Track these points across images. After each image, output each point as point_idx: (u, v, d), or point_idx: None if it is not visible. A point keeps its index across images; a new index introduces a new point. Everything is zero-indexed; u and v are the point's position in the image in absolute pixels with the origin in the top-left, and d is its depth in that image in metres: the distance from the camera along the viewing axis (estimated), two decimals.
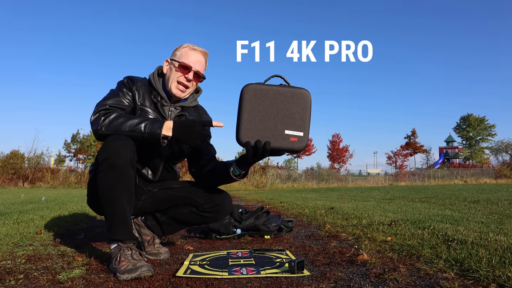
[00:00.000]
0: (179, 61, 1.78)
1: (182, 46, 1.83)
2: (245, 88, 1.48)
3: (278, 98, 1.47)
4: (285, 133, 1.46)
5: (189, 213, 1.88)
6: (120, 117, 1.61)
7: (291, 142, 1.46)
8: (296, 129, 1.47)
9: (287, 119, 1.47)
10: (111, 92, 1.76)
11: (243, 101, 1.46)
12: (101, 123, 1.60)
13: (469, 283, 1.29)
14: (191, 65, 1.77)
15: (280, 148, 1.47)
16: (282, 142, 1.46)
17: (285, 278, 1.44)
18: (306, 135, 1.48)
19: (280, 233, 2.57)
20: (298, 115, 1.48)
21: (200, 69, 1.81)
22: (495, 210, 3.94)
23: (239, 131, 1.46)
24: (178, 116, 1.87)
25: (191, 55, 1.79)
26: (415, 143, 39.37)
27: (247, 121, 1.46)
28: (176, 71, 1.78)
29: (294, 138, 1.46)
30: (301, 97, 1.48)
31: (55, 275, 1.50)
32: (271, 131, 1.46)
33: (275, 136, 1.46)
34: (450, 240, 2.00)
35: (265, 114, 1.46)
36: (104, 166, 1.56)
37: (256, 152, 1.47)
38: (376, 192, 9.42)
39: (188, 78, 1.78)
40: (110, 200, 1.57)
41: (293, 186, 20.25)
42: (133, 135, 1.59)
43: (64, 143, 37.80)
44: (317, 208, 4.47)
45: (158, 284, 1.40)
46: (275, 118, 1.47)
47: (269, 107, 1.47)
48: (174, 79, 1.78)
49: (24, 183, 17.83)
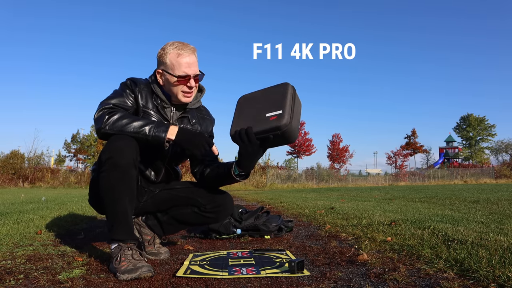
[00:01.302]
0: (174, 75, 1.71)
1: (167, 53, 1.73)
2: (239, 98, 1.63)
3: (262, 95, 1.59)
4: (266, 116, 1.52)
5: (191, 213, 1.88)
6: (124, 118, 1.61)
7: (271, 121, 1.50)
8: (275, 110, 1.52)
9: (267, 105, 1.55)
10: (114, 92, 1.75)
11: (236, 107, 1.60)
12: (105, 122, 1.59)
13: (469, 283, 1.29)
14: (188, 72, 1.72)
15: (262, 130, 1.50)
16: (263, 124, 1.51)
17: (285, 278, 1.44)
18: (286, 112, 1.49)
19: (280, 233, 2.57)
20: (278, 99, 1.53)
21: (197, 70, 1.76)
22: (495, 210, 3.94)
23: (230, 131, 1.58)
24: (181, 118, 1.86)
25: (182, 63, 1.71)
26: (415, 143, 39.38)
27: (236, 121, 1.59)
28: (176, 84, 1.74)
29: (274, 117, 1.50)
30: (280, 86, 1.56)
31: (55, 275, 1.50)
32: (254, 120, 1.54)
33: (257, 122, 1.53)
34: (450, 240, 2.00)
35: (251, 110, 1.57)
36: (107, 166, 1.56)
37: (242, 140, 1.54)
38: (376, 192, 9.42)
39: (190, 86, 1.75)
40: (112, 200, 1.57)
41: (293, 186, 20.25)
42: (137, 136, 1.59)
43: (64, 143, 37.82)
44: (317, 208, 4.47)
45: (158, 284, 1.40)
46: (258, 109, 1.56)
47: (254, 104, 1.59)
48: (178, 92, 1.75)
49: (24, 183, 17.83)
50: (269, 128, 1.49)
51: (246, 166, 1.66)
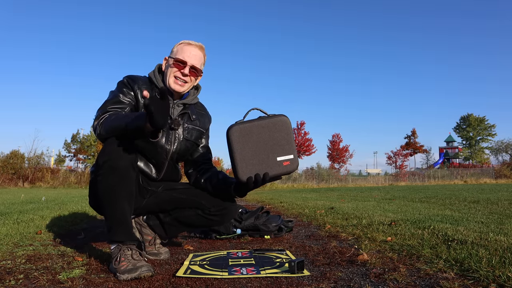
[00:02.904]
0: (174, 57, 1.80)
1: (179, 43, 1.85)
2: (230, 130, 1.57)
3: (262, 131, 1.58)
4: (277, 160, 1.59)
5: (194, 215, 1.88)
6: (110, 118, 1.61)
7: (285, 166, 1.60)
8: (286, 154, 1.60)
9: (275, 147, 1.59)
10: (110, 94, 1.76)
11: (232, 143, 1.56)
12: (99, 127, 1.61)
13: (469, 283, 1.29)
14: (186, 59, 1.78)
15: (277, 175, 1.59)
16: (277, 169, 1.59)
17: (285, 278, 1.44)
18: (296, 155, 1.62)
19: (280, 233, 2.57)
20: (284, 141, 1.60)
21: (196, 63, 1.81)
22: (495, 210, 3.93)
23: (236, 172, 1.57)
24: (181, 114, 1.87)
25: (186, 50, 1.80)
26: (415, 143, 39.35)
27: (241, 160, 1.56)
28: (171, 67, 1.79)
29: (287, 162, 1.60)
30: (282, 124, 1.61)
31: (55, 275, 1.50)
32: (265, 162, 1.58)
33: (270, 166, 1.58)
34: (450, 240, 2.00)
35: (255, 149, 1.58)
36: (104, 169, 1.55)
37: (256, 184, 1.59)
38: (376, 192, 9.41)
39: (184, 73, 1.78)
40: (111, 202, 1.56)
41: (293, 186, 20.25)
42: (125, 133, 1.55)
43: (64, 143, 37.83)
44: (317, 208, 4.46)
45: (158, 284, 1.40)
46: (265, 150, 1.58)
47: (257, 142, 1.58)
48: (171, 74, 1.80)
49: (24, 183, 17.82)
50: (284, 172, 1.60)
51: (243, 194, 1.76)
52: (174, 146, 1.83)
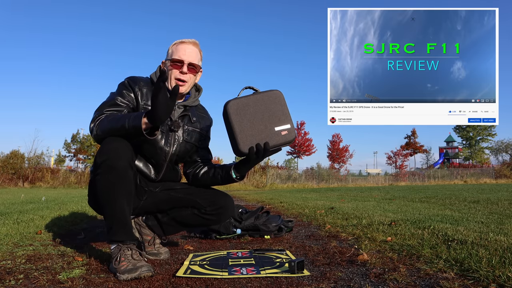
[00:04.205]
0: (170, 59, 1.78)
1: (172, 44, 1.84)
2: (227, 105, 1.59)
3: (257, 104, 1.63)
4: (275, 130, 1.63)
5: (191, 215, 1.88)
6: (107, 118, 1.61)
7: (284, 136, 1.63)
8: (283, 124, 1.64)
9: (272, 118, 1.63)
10: (109, 95, 1.76)
11: (230, 116, 1.58)
12: (96, 129, 1.61)
13: (469, 283, 1.29)
14: (183, 58, 1.77)
15: (276, 144, 1.62)
16: (276, 138, 1.62)
17: (285, 278, 1.44)
18: (292, 125, 1.66)
19: (280, 233, 2.57)
20: (280, 112, 1.65)
21: (192, 59, 1.79)
22: (495, 210, 3.94)
23: (237, 144, 1.58)
24: (182, 116, 1.87)
25: (180, 49, 1.78)
26: (415, 143, 39.35)
27: (241, 131, 1.58)
28: (170, 69, 1.78)
29: (285, 132, 1.64)
30: (276, 97, 1.67)
31: (55, 275, 1.50)
32: (264, 132, 1.61)
33: (269, 136, 1.61)
34: (450, 240, 2.00)
35: (253, 121, 1.61)
36: (102, 169, 1.55)
37: (258, 155, 1.59)
38: (376, 192, 9.42)
39: (183, 72, 1.77)
40: (110, 202, 1.56)
41: (293, 186, 20.25)
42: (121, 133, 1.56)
43: (64, 143, 37.75)
44: (317, 208, 4.47)
45: (158, 284, 1.40)
46: (262, 121, 1.62)
47: (254, 114, 1.61)
48: (172, 78, 1.78)
49: (24, 183, 17.83)
50: (283, 142, 1.63)
51: (245, 171, 1.76)
52: (174, 148, 1.83)
